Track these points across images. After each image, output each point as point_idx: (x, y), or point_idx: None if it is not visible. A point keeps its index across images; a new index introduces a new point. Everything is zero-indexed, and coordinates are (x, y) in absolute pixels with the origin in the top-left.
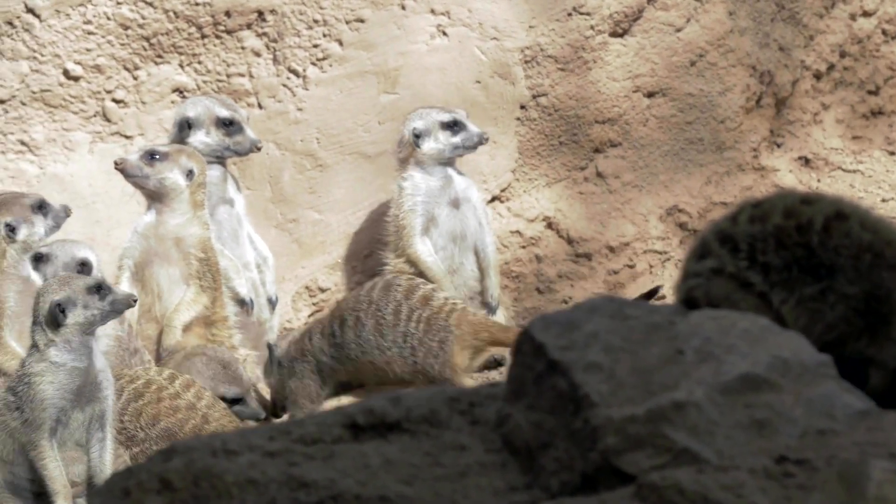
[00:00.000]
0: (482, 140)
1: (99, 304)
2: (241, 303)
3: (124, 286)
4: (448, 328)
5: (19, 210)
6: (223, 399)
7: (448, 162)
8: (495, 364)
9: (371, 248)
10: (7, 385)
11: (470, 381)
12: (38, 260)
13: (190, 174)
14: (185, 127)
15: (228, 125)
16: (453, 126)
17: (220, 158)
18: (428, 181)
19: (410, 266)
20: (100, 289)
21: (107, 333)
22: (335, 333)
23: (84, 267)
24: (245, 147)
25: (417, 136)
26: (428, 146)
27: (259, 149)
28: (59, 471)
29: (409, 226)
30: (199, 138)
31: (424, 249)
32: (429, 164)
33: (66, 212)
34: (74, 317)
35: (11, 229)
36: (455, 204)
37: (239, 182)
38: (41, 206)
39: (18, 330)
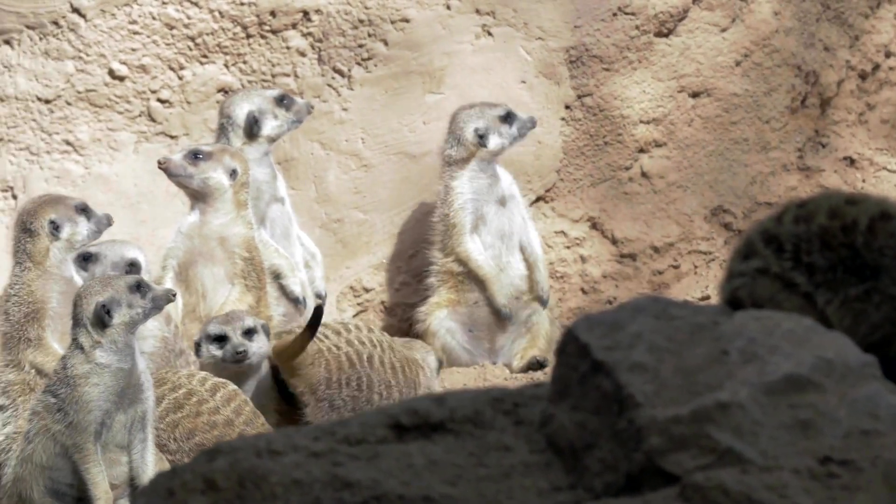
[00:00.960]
0: (534, 123)
1: (141, 301)
2: (295, 301)
3: (168, 287)
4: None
5: (63, 209)
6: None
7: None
8: (538, 365)
9: (416, 248)
10: (46, 387)
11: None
12: (87, 259)
13: (233, 173)
14: (253, 122)
15: (282, 100)
16: (508, 118)
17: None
18: (478, 179)
19: (459, 265)
20: (140, 286)
21: (153, 335)
22: None
23: (133, 267)
24: (304, 113)
25: (481, 135)
26: (494, 143)
27: (312, 108)
28: (101, 475)
29: (459, 224)
30: (271, 125)
31: (475, 248)
32: (488, 160)
33: (109, 220)
34: (120, 316)
35: (56, 227)
36: (502, 202)
37: (279, 176)
38: (84, 209)
39: (61, 331)
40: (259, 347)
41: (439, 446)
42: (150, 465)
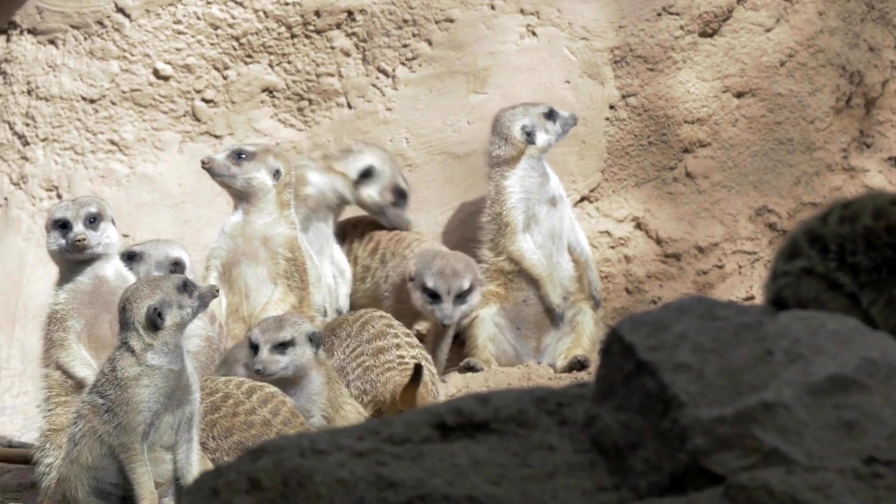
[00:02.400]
0: (576, 120)
1: (189, 301)
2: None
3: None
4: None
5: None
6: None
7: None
8: (580, 365)
9: (460, 247)
10: (92, 389)
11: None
12: (131, 259)
13: (277, 174)
14: (366, 175)
15: (400, 196)
16: (551, 115)
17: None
18: (529, 178)
19: (511, 264)
20: (186, 286)
21: (197, 334)
22: None
23: (177, 266)
24: (400, 224)
25: (529, 132)
26: (541, 139)
27: (407, 231)
28: (147, 476)
29: (512, 223)
30: (369, 191)
31: (528, 247)
32: (536, 157)
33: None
34: (171, 318)
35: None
36: (553, 202)
37: None
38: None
39: (88, 333)
40: (292, 360)
41: (483, 446)
42: (195, 464)
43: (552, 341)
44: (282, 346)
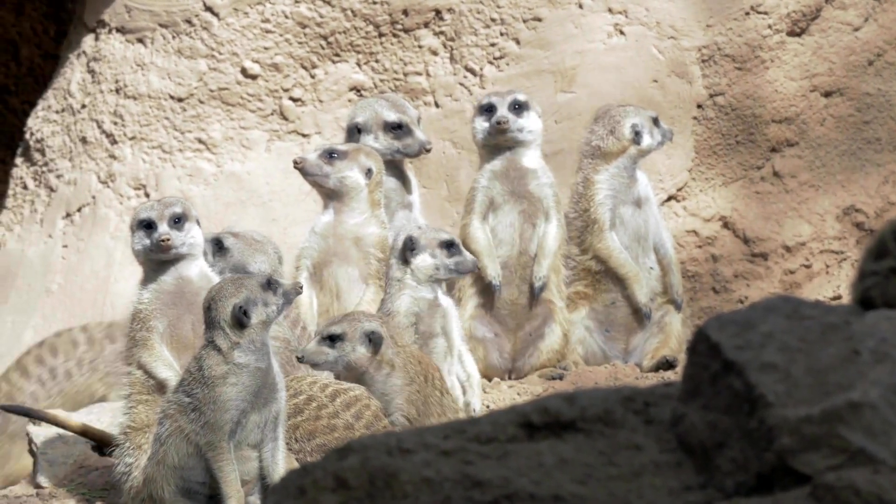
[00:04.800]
0: (672, 136)
1: (274, 298)
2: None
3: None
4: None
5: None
6: None
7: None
8: (668, 364)
9: None
10: (178, 387)
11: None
12: (220, 248)
13: (369, 172)
14: (354, 132)
15: (396, 128)
16: (657, 122)
17: (391, 161)
18: (618, 177)
19: (598, 263)
20: (270, 283)
21: (273, 335)
22: None
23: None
24: (414, 149)
25: (637, 132)
26: (646, 141)
27: (428, 150)
28: (234, 474)
29: (600, 220)
30: (368, 143)
31: (615, 245)
32: (634, 159)
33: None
34: (257, 316)
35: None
36: (638, 203)
37: (412, 183)
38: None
39: (170, 334)
40: (340, 356)
41: (570, 445)
42: (281, 463)
43: (640, 342)
44: (330, 339)
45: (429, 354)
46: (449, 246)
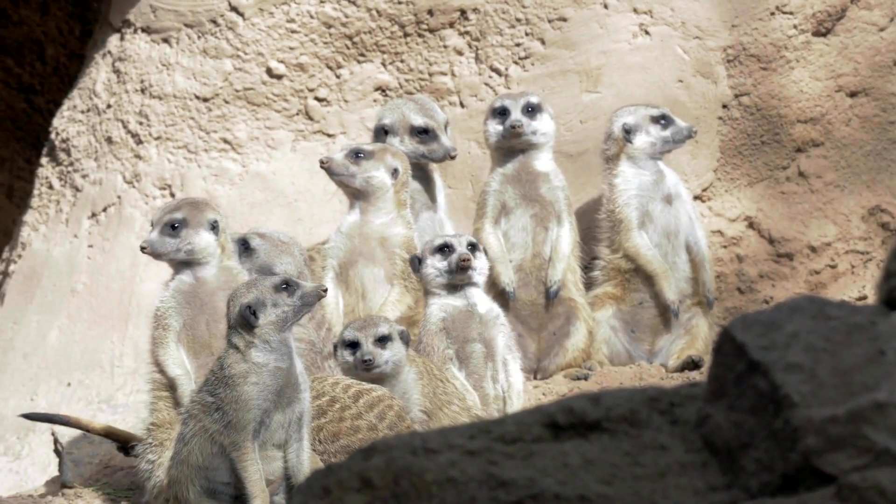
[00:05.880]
0: (691, 133)
1: (288, 300)
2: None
3: (329, 286)
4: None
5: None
6: None
7: (657, 156)
8: (693, 364)
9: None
10: (201, 388)
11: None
12: (246, 248)
13: (395, 173)
14: (381, 133)
15: (422, 133)
16: (662, 120)
17: (416, 163)
18: (640, 176)
19: (627, 262)
20: (287, 285)
21: (297, 336)
22: None
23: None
24: (439, 155)
25: (628, 131)
26: (639, 141)
27: (453, 157)
28: (258, 474)
29: (626, 219)
30: (400, 146)
31: (643, 243)
32: (639, 158)
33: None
34: (265, 316)
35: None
36: (668, 200)
37: (437, 184)
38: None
39: (190, 335)
40: (392, 355)
41: (595, 445)
42: (306, 463)
43: (666, 344)
44: (381, 341)
45: (466, 359)
46: (441, 250)
